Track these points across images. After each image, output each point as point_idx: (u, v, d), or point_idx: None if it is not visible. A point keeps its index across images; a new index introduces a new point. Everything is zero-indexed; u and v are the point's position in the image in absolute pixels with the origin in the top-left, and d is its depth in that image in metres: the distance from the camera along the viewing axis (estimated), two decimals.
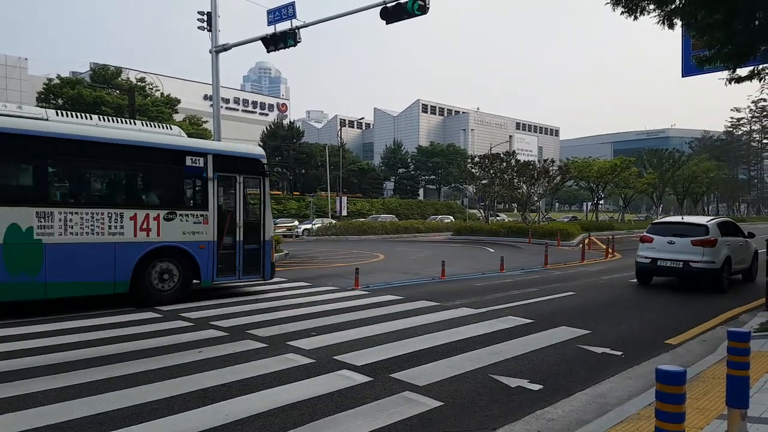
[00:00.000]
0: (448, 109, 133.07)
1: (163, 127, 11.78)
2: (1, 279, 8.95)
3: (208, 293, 11.30)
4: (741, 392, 4.11)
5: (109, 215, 9.99)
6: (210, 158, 11.31)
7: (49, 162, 9.78)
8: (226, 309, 10.08)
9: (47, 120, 9.92)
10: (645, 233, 14.07)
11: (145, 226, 10.37)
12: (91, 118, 10.77)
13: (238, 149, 12.40)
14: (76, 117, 10.56)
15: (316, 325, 8.79)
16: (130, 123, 11.24)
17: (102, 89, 45.29)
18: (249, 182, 12.08)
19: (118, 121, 11.18)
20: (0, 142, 9.11)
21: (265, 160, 12.41)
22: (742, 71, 10.70)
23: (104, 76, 49.18)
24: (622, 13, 10.00)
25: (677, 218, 15.02)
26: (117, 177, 11.11)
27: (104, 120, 11.20)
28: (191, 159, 11.13)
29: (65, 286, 9.55)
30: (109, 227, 9.96)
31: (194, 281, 11.16)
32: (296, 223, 42.32)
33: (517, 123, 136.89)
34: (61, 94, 45.54)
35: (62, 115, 10.45)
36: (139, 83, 51.38)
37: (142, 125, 11.30)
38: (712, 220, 13.85)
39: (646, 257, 13.66)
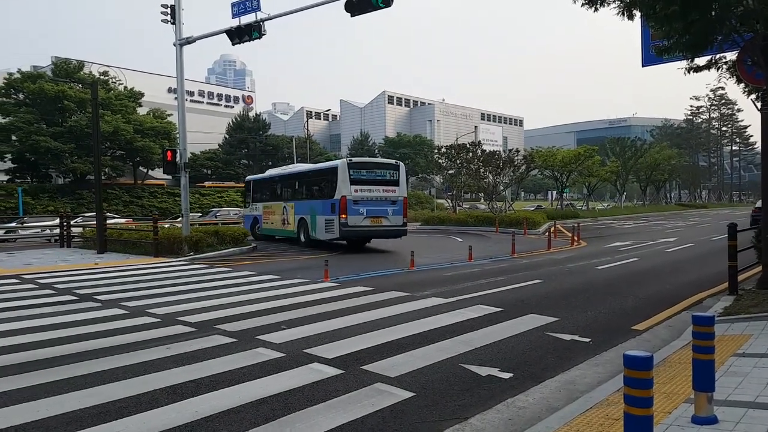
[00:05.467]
0: (414, 101, 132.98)
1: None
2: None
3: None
4: (707, 376, 4.20)
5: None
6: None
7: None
8: (192, 305, 9.93)
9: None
10: None
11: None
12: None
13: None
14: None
15: (286, 318, 8.73)
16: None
17: (64, 83, 44.35)
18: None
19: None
20: None
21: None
22: (700, 61, 10.80)
23: (66, 70, 48.21)
24: (583, 4, 10.05)
25: None
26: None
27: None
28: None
29: None
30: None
31: None
32: None
33: (482, 114, 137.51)
34: (22, 88, 44.85)
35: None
36: (102, 77, 50.38)
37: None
38: None
39: None
